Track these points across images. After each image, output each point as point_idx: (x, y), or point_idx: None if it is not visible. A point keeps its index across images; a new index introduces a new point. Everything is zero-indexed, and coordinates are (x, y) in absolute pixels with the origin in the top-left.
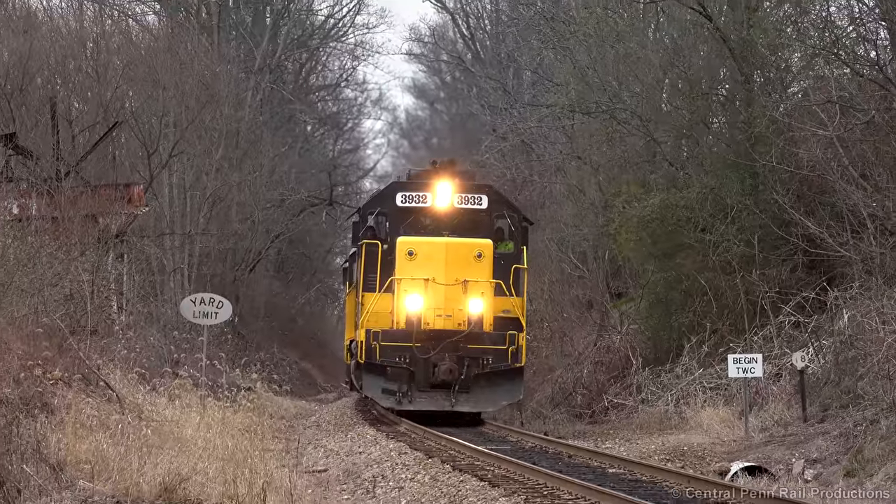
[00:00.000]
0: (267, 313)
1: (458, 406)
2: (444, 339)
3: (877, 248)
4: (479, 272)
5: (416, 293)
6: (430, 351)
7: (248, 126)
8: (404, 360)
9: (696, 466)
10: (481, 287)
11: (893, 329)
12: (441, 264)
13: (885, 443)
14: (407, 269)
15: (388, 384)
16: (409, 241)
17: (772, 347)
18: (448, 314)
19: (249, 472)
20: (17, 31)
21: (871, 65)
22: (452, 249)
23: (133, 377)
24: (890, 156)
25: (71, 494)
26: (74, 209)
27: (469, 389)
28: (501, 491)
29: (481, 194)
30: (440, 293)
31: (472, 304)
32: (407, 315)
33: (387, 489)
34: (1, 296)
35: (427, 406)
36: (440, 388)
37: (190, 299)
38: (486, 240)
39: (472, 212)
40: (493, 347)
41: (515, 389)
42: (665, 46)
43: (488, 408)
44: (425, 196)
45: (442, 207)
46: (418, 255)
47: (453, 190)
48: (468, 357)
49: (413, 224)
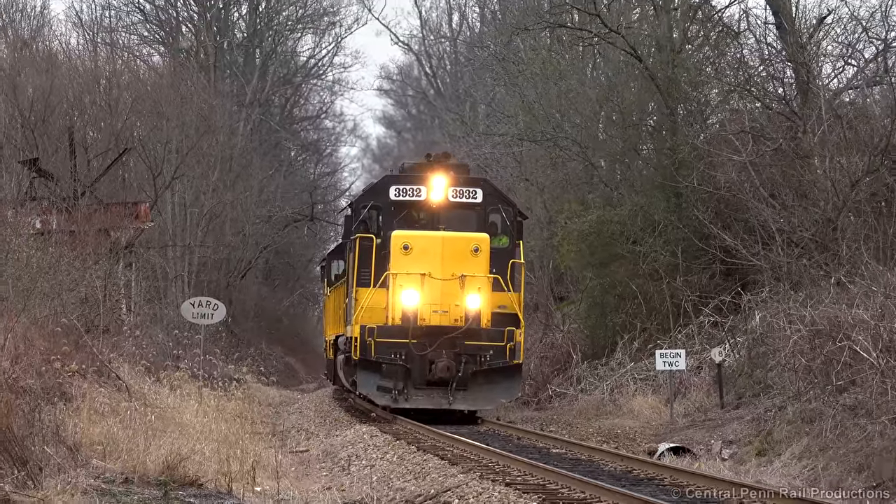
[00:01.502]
0: (256, 315)
1: (455, 404)
2: (441, 335)
3: (784, 258)
4: (475, 267)
5: (412, 288)
6: (427, 347)
7: (240, 152)
8: (400, 356)
9: (628, 447)
10: (478, 282)
11: (798, 328)
12: (437, 259)
13: (791, 426)
14: (402, 263)
15: (383, 381)
16: (404, 235)
17: (693, 344)
18: (444, 310)
19: (241, 452)
20: (41, 70)
21: (778, 100)
22: (449, 244)
23: (140, 370)
24: (795, 178)
25: (86, 472)
26: (89, 224)
27: (467, 387)
28: (459, 468)
29: (476, 188)
30: (436, 288)
31: (469, 299)
32: (403, 310)
33: (360, 467)
34: (25, 299)
35: (424, 404)
36: (437, 386)
37: (189, 302)
38: (482, 234)
39: (466, 205)
40: (490, 344)
41: (513, 387)
42: (601, 83)
43: (486, 406)
44: (419, 189)
45: (436, 201)
46: (414, 249)
47: (448, 183)
48: (465, 354)
49: (407, 218)
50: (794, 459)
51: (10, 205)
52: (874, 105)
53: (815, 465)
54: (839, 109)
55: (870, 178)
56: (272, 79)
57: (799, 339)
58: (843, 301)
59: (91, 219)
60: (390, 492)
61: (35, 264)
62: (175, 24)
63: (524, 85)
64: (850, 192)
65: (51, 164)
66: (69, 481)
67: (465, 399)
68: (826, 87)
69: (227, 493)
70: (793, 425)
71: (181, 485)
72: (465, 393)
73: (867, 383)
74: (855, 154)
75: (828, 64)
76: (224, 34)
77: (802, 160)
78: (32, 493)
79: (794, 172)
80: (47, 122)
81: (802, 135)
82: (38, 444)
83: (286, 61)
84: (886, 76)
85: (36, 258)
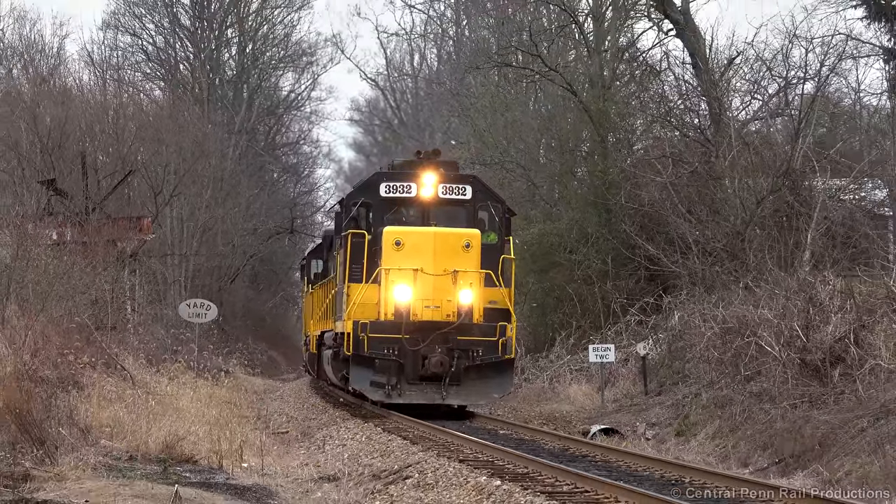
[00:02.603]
0: (243, 314)
1: (448, 399)
2: (433, 330)
3: (699, 265)
4: (467, 262)
5: (405, 284)
6: (420, 343)
7: (230, 173)
8: (393, 351)
9: (565, 428)
10: (470, 277)
11: (711, 326)
12: (429, 254)
13: (705, 410)
14: (394, 259)
15: (376, 377)
16: (396, 231)
17: (622, 339)
18: (436, 305)
19: (230, 433)
20: (57, 103)
21: (694, 129)
22: (441, 239)
23: (142, 362)
24: (709, 196)
25: (95, 450)
26: (99, 236)
27: (460, 382)
28: (420, 447)
29: (465, 184)
30: (428, 284)
31: (462, 294)
32: (395, 306)
33: (333, 446)
34: (43, 301)
35: (417, 399)
36: (430, 381)
37: (185, 303)
38: (473, 230)
39: (456, 202)
40: (483, 339)
41: (506, 382)
42: (542, 114)
43: (479, 401)
44: (410, 186)
45: (426, 198)
46: (406, 244)
47: (437, 180)
48: (458, 349)
49: (397, 215)
50: (707, 439)
51: (31, 219)
52: (776, 133)
53: (726, 444)
54: (746, 137)
55: (773, 196)
56: (257, 110)
57: (712, 336)
58: (750, 302)
59: (100, 231)
60: (360, 467)
61: (52, 271)
62: (173, 63)
63: (475, 116)
64: (755, 208)
65: (65, 184)
66: (81, 458)
67: (458, 394)
68: (735, 118)
69: (219, 469)
70: (707, 410)
71: (178, 461)
72: (458, 388)
73: (771, 373)
74: (760, 176)
75: (737, 98)
76: (216, 72)
77: (715, 181)
78: (49, 468)
79: (708, 191)
80: (63, 148)
81: (715, 159)
82: (54, 427)
83: (270, 95)
84: (787, 109)
85: (52, 265)
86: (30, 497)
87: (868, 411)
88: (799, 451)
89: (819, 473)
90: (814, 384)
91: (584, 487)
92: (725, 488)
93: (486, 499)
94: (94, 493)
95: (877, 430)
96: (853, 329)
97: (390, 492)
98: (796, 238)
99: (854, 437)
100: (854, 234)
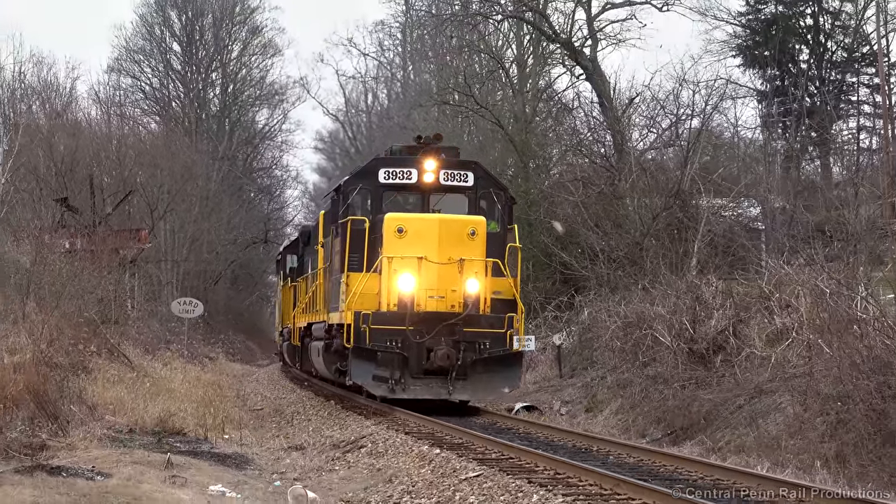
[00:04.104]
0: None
1: (455, 394)
2: (439, 321)
3: (605, 270)
4: (472, 250)
5: (408, 273)
6: (425, 335)
7: (214, 193)
8: (396, 344)
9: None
10: (476, 266)
11: (615, 320)
12: (434, 242)
13: (609, 391)
14: (396, 247)
15: (379, 370)
16: (398, 218)
17: (541, 331)
18: (441, 295)
19: (214, 410)
20: (69, 134)
21: (601, 157)
22: (446, 226)
23: (140, 350)
24: (613, 213)
25: (101, 424)
26: (104, 245)
27: (466, 376)
28: (372, 422)
29: (467, 171)
30: (433, 273)
31: (469, 284)
32: (399, 296)
33: (301, 420)
34: (57, 299)
35: (422, 394)
36: (435, 375)
37: (177, 301)
38: (478, 217)
39: (457, 189)
40: (490, 331)
41: (514, 376)
42: (474, 144)
43: (488, 396)
44: (410, 172)
45: (427, 184)
46: (409, 232)
47: (438, 166)
48: (464, 341)
49: (396, 202)
50: (612, 414)
51: (47, 231)
52: (668, 161)
53: (627, 419)
54: (644, 164)
55: (665, 213)
56: (237, 140)
57: (615, 328)
58: (647, 301)
59: (105, 241)
60: (322, 438)
61: (64, 274)
62: (167, 101)
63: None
64: (651, 223)
65: (76, 202)
66: (89, 431)
67: (465, 389)
68: (634, 147)
69: (204, 440)
70: (611, 390)
71: (170, 434)
72: (465, 382)
73: (664, 360)
74: (655, 196)
75: (636, 131)
76: (202, 108)
77: (618, 200)
78: (62, 439)
79: (612, 209)
80: (74, 171)
81: (618, 182)
82: (66, 405)
83: (247, 127)
84: (677, 140)
85: (65, 270)
86: (45, 463)
87: (744, 391)
88: (687, 424)
89: (704, 443)
90: (699, 369)
91: (510, 455)
92: (626, 455)
93: (428, 464)
94: (100, 460)
95: (751, 406)
96: (732, 323)
97: (348, 458)
98: (685, 247)
99: (732, 413)
100: (733, 245)
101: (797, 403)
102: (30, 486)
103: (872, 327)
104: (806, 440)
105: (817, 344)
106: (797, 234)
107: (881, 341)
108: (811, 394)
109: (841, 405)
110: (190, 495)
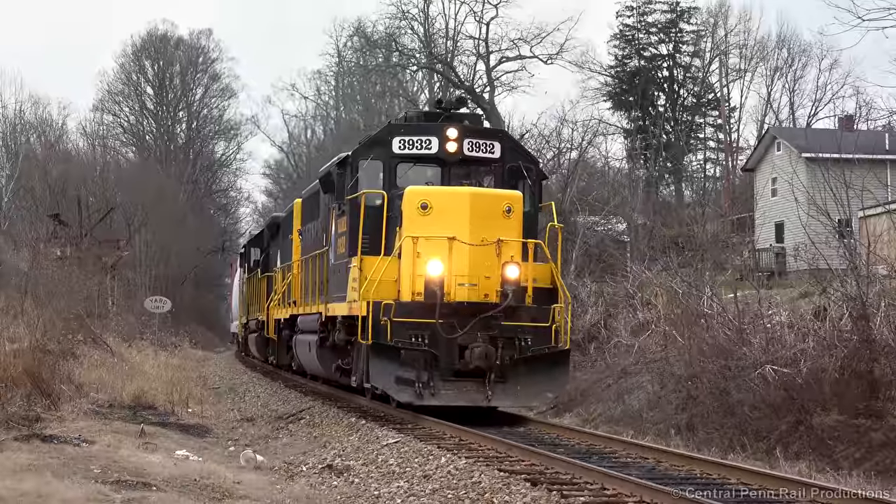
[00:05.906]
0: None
1: (495, 400)
2: (475, 313)
3: None
4: (508, 230)
5: (437, 257)
6: (458, 329)
7: (180, 211)
8: (423, 340)
9: None
10: (513, 249)
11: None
12: (465, 220)
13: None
14: (419, 225)
15: (403, 372)
16: (422, 192)
17: None
18: (473, 283)
19: (179, 388)
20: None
21: None
22: (478, 202)
23: (118, 340)
24: None
25: (86, 401)
26: (89, 253)
27: (505, 378)
28: (311, 398)
29: (494, 141)
30: (464, 256)
31: (509, 270)
32: (427, 283)
33: (251, 396)
34: (50, 297)
35: (455, 400)
36: (470, 377)
37: (149, 299)
38: (515, 192)
39: (483, 160)
40: (533, 324)
41: (562, 378)
42: None
43: (532, 402)
44: (429, 141)
45: (450, 154)
46: (434, 208)
47: (461, 134)
48: (502, 337)
49: (411, 176)
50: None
51: (42, 241)
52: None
53: None
54: None
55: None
56: (199, 167)
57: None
58: None
59: (90, 250)
60: (269, 411)
61: (56, 276)
62: (142, 135)
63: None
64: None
65: (66, 217)
66: (76, 406)
67: (506, 394)
68: None
69: (171, 413)
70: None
71: (143, 408)
72: (505, 386)
73: None
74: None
75: None
76: (171, 141)
77: None
78: (54, 413)
79: None
80: (65, 192)
81: None
82: (57, 384)
83: (208, 156)
84: (559, 168)
85: (57, 273)
86: (40, 433)
87: (613, 373)
88: (567, 400)
89: (581, 415)
90: (576, 354)
91: (423, 425)
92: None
93: (355, 432)
94: (85, 429)
95: (619, 385)
96: (603, 317)
97: (290, 428)
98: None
99: (604, 391)
100: (604, 254)
101: (656, 382)
102: (27, 451)
103: (716, 321)
104: (663, 412)
105: (672, 334)
106: (656, 246)
107: (723, 332)
108: (667, 375)
109: (691, 384)
110: (159, 458)
